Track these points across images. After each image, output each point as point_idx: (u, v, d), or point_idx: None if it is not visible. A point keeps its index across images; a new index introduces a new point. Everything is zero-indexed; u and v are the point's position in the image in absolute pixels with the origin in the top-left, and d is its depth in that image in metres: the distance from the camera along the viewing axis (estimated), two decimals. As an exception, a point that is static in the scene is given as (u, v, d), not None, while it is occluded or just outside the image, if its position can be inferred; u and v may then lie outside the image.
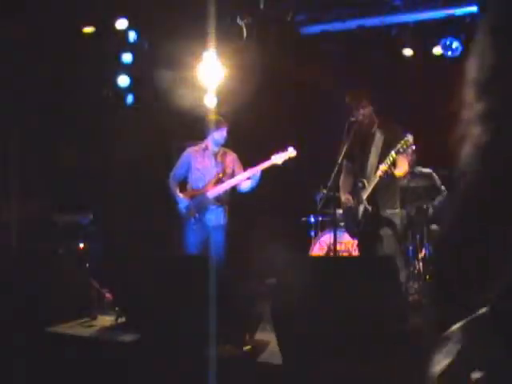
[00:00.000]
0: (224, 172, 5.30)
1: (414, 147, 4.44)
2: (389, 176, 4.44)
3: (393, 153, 4.37)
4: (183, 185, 5.60)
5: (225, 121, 5.36)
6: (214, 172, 5.27)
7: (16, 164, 7.23)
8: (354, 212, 4.67)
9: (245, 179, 5.27)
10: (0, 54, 6.66)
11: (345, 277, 3.51)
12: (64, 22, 6.71)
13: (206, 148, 5.32)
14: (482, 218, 0.94)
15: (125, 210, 5.80)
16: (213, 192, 5.24)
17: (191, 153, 5.38)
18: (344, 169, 4.83)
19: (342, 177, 4.83)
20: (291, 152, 5.24)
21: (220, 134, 5.28)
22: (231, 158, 5.39)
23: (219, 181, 5.25)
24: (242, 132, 7.37)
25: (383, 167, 4.39)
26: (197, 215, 5.23)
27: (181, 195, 5.34)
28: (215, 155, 5.31)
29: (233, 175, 5.34)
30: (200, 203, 5.24)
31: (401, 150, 4.36)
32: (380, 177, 4.41)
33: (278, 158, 5.19)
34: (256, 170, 5.18)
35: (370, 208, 4.53)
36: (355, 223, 4.69)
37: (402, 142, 4.34)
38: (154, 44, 7.28)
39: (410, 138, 4.35)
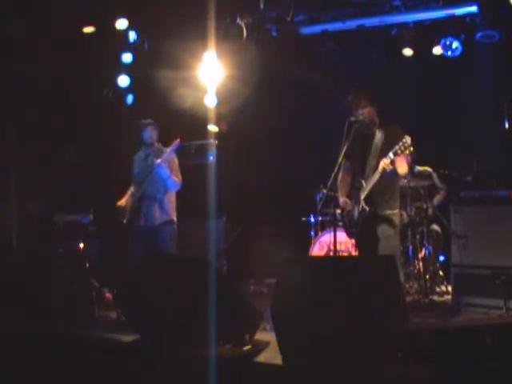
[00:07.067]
0: None
1: (412, 149, 4.42)
2: (391, 172, 4.43)
3: (391, 154, 4.37)
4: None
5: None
6: None
7: (16, 164, 7.24)
8: (351, 212, 4.68)
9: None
10: (0, 53, 6.66)
11: (344, 277, 3.51)
12: (64, 22, 6.71)
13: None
14: None
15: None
16: None
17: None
18: (343, 167, 4.80)
19: (340, 175, 4.81)
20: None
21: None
22: None
23: None
24: (242, 132, 7.38)
25: (385, 161, 4.37)
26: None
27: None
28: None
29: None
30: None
31: (399, 151, 4.36)
32: (381, 173, 4.40)
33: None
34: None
35: (367, 208, 4.53)
36: (352, 223, 4.69)
37: (400, 143, 4.34)
38: (153, 44, 7.27)
39: (408, 140, 4.34)
